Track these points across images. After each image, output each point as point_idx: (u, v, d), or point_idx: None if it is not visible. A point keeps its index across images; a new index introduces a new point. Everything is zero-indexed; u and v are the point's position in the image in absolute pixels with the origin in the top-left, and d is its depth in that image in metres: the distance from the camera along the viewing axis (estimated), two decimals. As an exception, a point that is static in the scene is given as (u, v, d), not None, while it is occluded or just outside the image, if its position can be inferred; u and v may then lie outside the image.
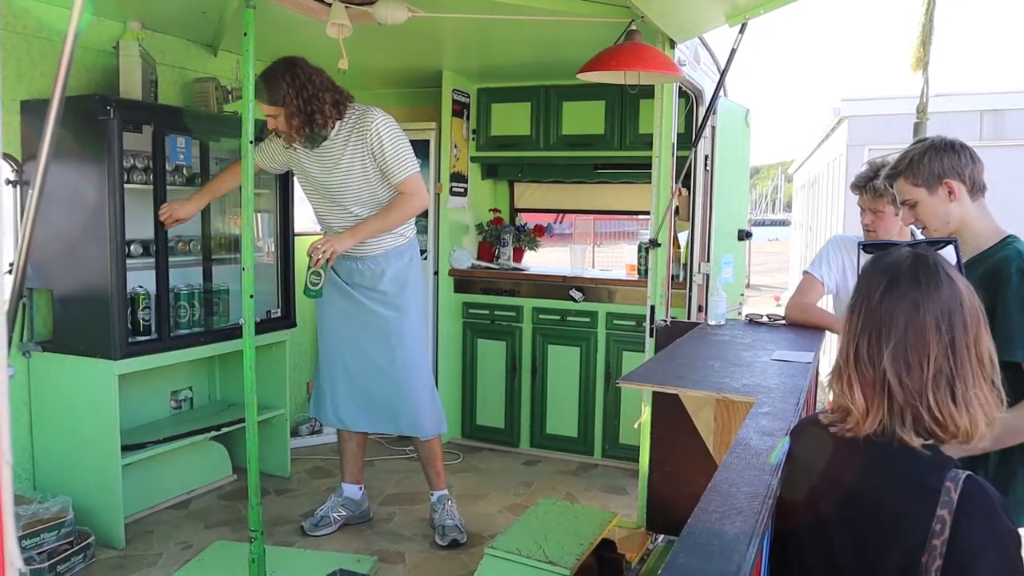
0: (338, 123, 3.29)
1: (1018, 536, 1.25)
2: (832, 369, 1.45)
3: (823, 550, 1.36)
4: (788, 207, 39.24)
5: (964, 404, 1.28)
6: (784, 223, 36.60)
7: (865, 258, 1.50)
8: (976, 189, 2.08)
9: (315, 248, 3.24)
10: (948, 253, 1.55)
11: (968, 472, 1.27)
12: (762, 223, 42.46)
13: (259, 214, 4.24)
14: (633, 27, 3.15)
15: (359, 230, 3.32)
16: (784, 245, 26.89)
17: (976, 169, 2.07)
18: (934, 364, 1.28)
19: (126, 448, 3.45)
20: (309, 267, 3.24)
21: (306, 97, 3.16)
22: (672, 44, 3.45)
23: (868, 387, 1.33)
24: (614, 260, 10.39)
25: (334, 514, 3.64)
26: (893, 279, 1.35)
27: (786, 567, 1.46)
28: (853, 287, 1.47)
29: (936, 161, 2.05)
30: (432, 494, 3.68)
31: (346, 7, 3.18)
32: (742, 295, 4.79)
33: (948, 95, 7.47)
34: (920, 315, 1.30)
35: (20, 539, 3.04)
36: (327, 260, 3.23)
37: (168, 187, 3.59)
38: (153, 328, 3.56)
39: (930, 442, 1.30)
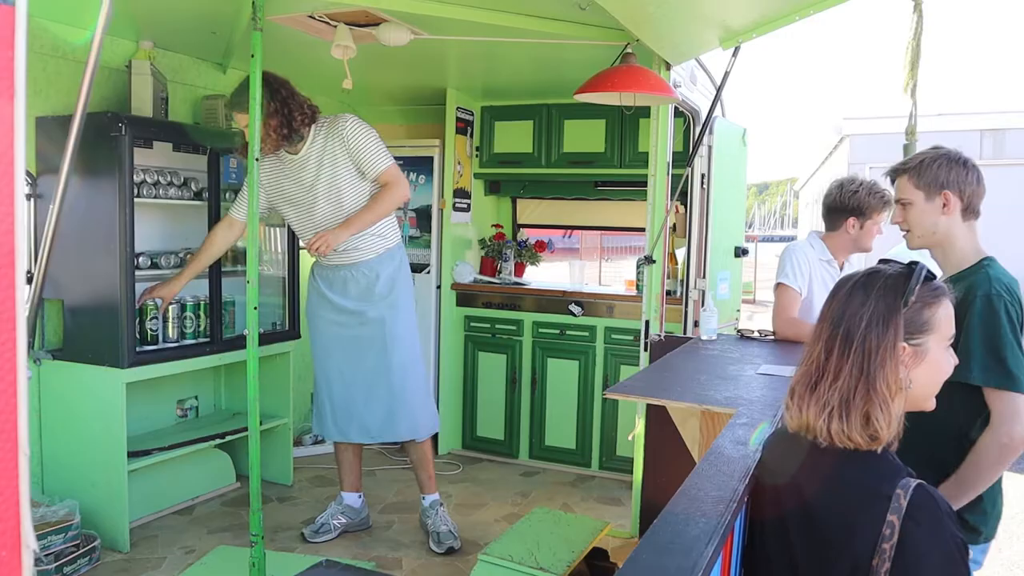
0: (313, 131, 3.40)
1: (964, 544, 1.32)
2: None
3: (784, 547, 1.44)
4: (796, 223, 39.23)
5: (879, 407, 1.36)
6: (792, 239, 36.58)
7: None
8: (970, 210, 2.10)
9: (311, 242, 3.36)
10: None
11: (919, 480, 1.34)
12: (770, 239, 42.38)
13: (270, 228, 4.35)
14: (628, 50, 3.25)
15: (351, 223, 3.38)
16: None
17: (977, 192, 2.09)
18: (853, 368, 1.38)
19: (132, 454, 3.54)
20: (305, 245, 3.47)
21: (281, 99, 3.30)
22: (667, 66, 3.55)
23: (807, 390, 1.44)
24: (619, 274, 10.45)
25: (334, 521, 3.72)
26: (840, 287, 1.48)
27: (752, 562, 1.54)
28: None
29: (944, 170, 2.07)
30: (424, 498, 3.76)
31: (350, 29, 3.30)
32: (738, 311, 4.86)
33: (948, 114, 7.56)
34: (845, 322, 1.41)
35: (28, 541, 3.13)
36: (323, 253, 3.37)
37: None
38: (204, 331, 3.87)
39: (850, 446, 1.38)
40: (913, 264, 1.47)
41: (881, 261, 1.59)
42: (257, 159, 2.90)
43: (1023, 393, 1.90)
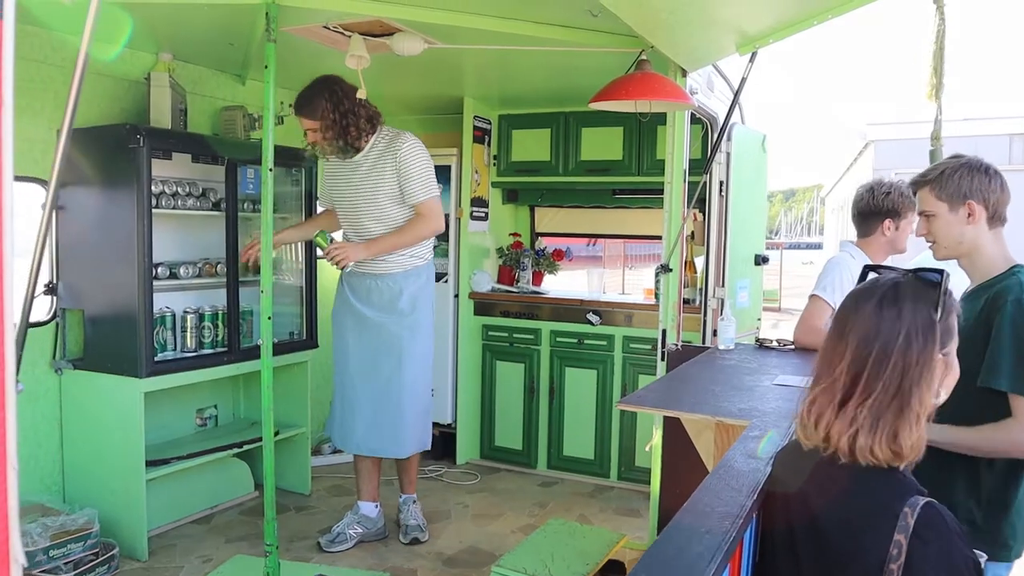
0: (372, 140, 3.51)
1: (975, 563, 1.28)
2: (802, 392, 1.49)
3: (792, 560, 1.41)
4: (823, 230, 38.92)
5: (912, 426, 1.32)
6: (819, 246, 36.25)
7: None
8: (996, 218, 2.06)
9: (331, 250, 3.43)
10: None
11: (929, 499, 1.30)
12: (796, 246, 42.04)
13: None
14: (643, 57, 3.23)
15: (375, 244, 3.51)
16: (818, 269, 26.54)
17: (1002, 199, 2.05)
18: (887, 385, 1.33)
19: (151, 463, 3.57)
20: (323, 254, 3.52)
21: (342, 111, 3.40)
22: (684, 73, 3.52)
23: (830, 408, 1.38)
24: (641, 282, 10.40)
25: (350, 531, 3.72)
26: (865, 298, 1.40)
27: (763, 572, 1.51)
28: None
29: (966, 180, 2.03)
30: (401, 496, 3.90)
31: (364, 39, 3.31)
32: (758, 320, 4.80)
33: (977, 119, 7.44)
34: (881, 336, 1.35)
35: (48, 549, 3.16)
36: (339, 265, 3.45)
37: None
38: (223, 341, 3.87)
39: (885, 465, 1.34)
40: (925, 271, 1.43)
41: (867, 268, 1.55)
42: (271, 169, 2.91)
43: None
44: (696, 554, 1.24)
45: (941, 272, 1.45)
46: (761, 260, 4.64)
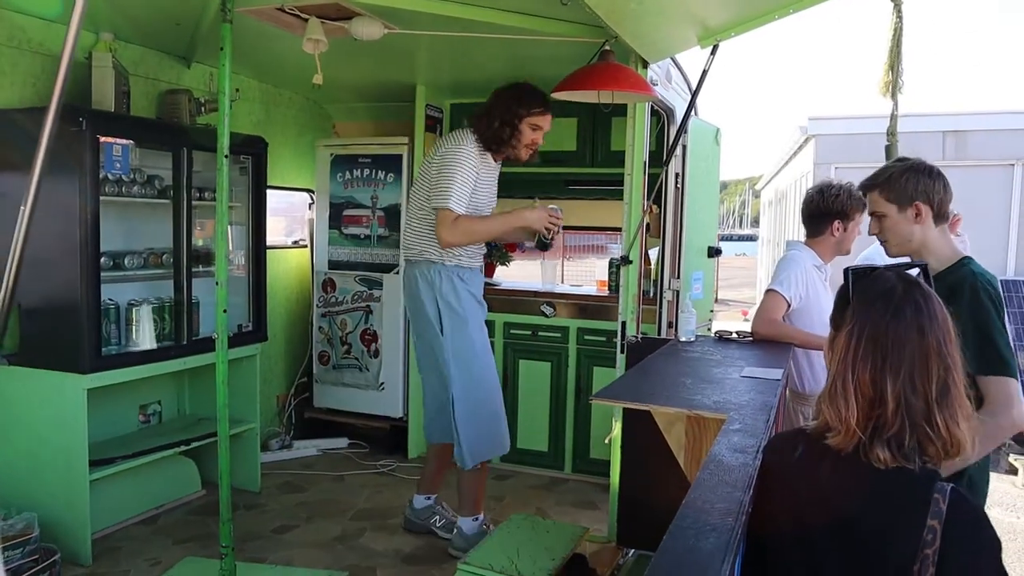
0: None
1: (998, 539, 1.32)
2: (824, 392, 1.47)
3: (810, 567, 1.40)
4: (755, 222, 39.82)
5: (960, 420, 1.34)
6: (751, 238, 37.07)
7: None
8: (940, 216, 2.20)
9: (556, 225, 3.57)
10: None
11: (952, 484, 1.33)
12: (729, 238, 42.94)
13: (230, 226, 4.21)
14: (607, 47, 3.21)
15: None
16: (751, 260, 27.21)
17: (945, 198, 2.19)
18: (937, 385, 1.34)
19: (95, 463, 3.40)
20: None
21: None
22: (645, 64, 3.51)
23: (867, 411, 1.37)
24: (584, 274, 10.43)
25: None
26: (897, 307, 1.39)
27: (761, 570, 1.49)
28: (826, 305, 1.53)
29: (912, 182, 2.17)
30: (478, 517, 3.65)
31: (322, 22, 3.20)
32: (712, 311, 4.86)
33: (912, 116, 7.64)
34: (926, 340, 1.36)
35: (-17, 556, 2.99)
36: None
37: (106, 197, 3.42)
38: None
39: (924, 463, 1.35)
40: (908, 265, 1.52)
41: (848, 270, 1.56)
42: (226, 156, 2.80)
43: (1015, 378, 1.97)
44: (707, 552, 1.21)
45: (923, 265, 1.49)
46: (714, 252, 4.68)
